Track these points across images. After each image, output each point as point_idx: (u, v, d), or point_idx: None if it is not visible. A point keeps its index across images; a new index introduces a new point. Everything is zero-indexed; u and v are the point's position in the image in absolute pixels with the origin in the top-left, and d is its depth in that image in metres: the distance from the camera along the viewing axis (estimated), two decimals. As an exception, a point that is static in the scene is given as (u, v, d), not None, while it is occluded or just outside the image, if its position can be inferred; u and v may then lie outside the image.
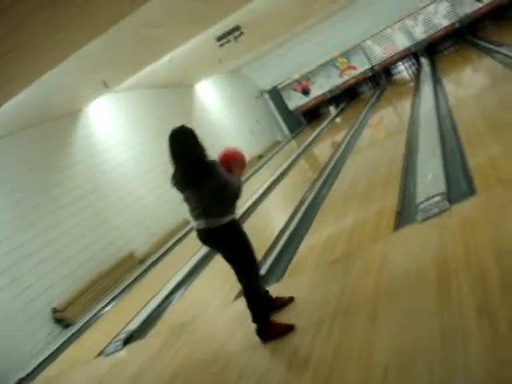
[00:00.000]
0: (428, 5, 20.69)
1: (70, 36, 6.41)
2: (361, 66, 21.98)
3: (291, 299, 5.03)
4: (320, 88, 22.57)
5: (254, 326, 4.60)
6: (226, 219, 4.53)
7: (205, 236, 4.64)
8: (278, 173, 13.63)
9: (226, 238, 4.59)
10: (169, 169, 4.67)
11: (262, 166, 17.31)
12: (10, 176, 9.82)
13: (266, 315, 4.64)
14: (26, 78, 7.09)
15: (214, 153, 4.75)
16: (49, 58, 6.88)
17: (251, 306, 4.63)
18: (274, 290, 5.65)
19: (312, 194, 9.14)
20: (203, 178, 4.45)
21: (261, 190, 12.13)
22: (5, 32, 5.08)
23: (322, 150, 15.33)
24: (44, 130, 10.86)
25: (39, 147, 10.69)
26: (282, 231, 7.75)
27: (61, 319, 9.24)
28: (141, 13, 6.94)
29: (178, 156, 4.59)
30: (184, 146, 4.60)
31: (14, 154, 10.06)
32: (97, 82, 10.34)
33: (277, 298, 5.06)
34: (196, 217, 4.62)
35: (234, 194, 4.59)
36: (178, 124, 4.77)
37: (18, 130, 10.11)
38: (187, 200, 4.68)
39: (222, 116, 19.30)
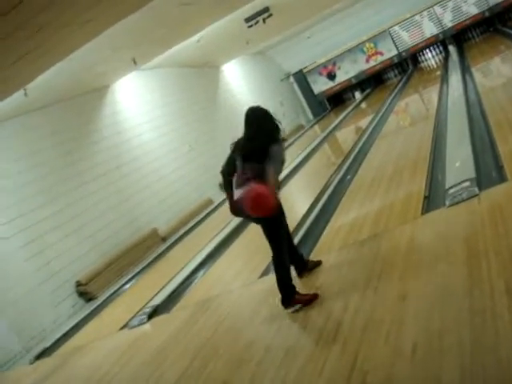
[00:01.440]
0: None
1: (103, 13, 6.43)
2: (388, 51, 21.80)
3: (320, 262, 5.42)
4: (346, 73, 22.44)
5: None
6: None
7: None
8: (301, 157, 13.61)
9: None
10: (193, 149, 4.86)
11: (285, 149, 17.26)
12: (37, 150, 9.91)
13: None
14: (58, 52, 7.13)
15: (238, 133, 4.93)
16: (82, 34, 6.90)
17: (280, 277, 4.82)
18: (300, 269, 5.69)
19: (337, 178, 9.14)
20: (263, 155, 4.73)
21: (284, 173, 12.11)
22: (40, 7, 5.11)
23: (347, 136, 15.29)
24: (72, 105, 10.95)
25: (66, 122, 10.79)
26: (307, 213, 7.76)
27: (84, 292, 9.36)
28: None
29: (251, 130, 4.94)
30: (258, 123, 4.92)
31: (42, 128, 10.16)
32: (126, 59, 10.37)
33: (308, 261, 5.44)
34: (239, 184, 4.82)
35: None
36: (203, 104, 5.00)
37: (47, 105, 10.20)
38: (239, 167, 4.87)
39: (246, 98, 19.26)
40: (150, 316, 6.66)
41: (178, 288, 7.31)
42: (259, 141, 4.79)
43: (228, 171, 5.03)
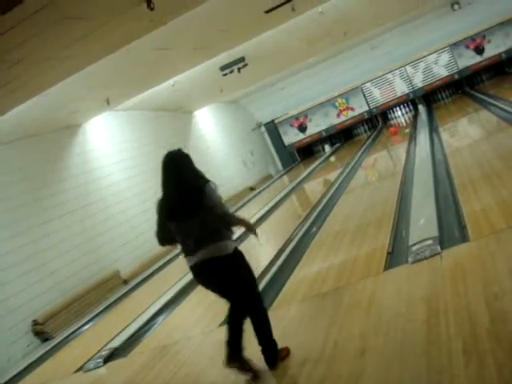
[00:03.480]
0: (430, 54, 20.98)
1: (84, 50, 6.50)
2: (359, 107, 22.19)
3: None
4: (316, 126, 22.71)
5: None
6: (234, 244, 4.37)
7: (211, 266, 4.29)
8: (268, 206, 13.65)
9: (236, 266, 4.38)
10: (159, 192, 4.58)
11: (252, 198, 17.34)
12: (5, 183, 9.82)
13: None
14: (36, 86, 7.17)
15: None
16: (61, 70, 6.96)
17: (269, 336, 4.41)
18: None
19: (303, 230, 9.17)
20: (201, 204, 4.25)
21: (251, 222, 12.11)
22: (21, 40, 5.15)
23: (315, 188, 15.40)
24: (42, 141, 10.91)
25: (35, 158, 10.71)
26: (271, 264, 7.74)
27: (40, 332, 9.16)
28: (152, 34, 7.06)
29: (173, 182, 4.41)
30: (181, 172, 4.42)
31: (10, 162, 10.07)
32: (100, 98, 10.43)
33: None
34: (196, 246, 4.29)
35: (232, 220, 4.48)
36: (173, 148, 4.69)
37: (17, 139, 10.14)
38: (181, 231, 4.38)
39: (217, 145, 19.41)
40: (107, 359, 6.54)
41: (137, 332, 7.21)
42: (193, 189, 4.33)
43: (167, 238, 4.56)
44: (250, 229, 4.68)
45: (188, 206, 4.26)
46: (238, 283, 4.37)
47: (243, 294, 4.39)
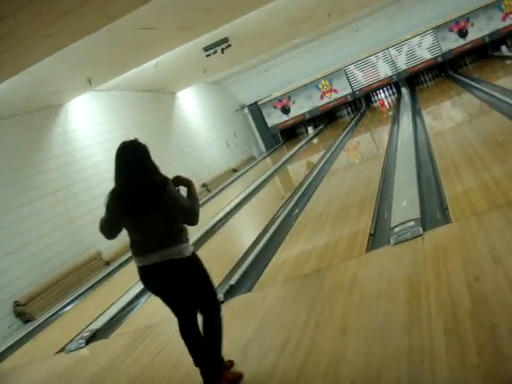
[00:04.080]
0: (413, 37, 21.00)
1: (66, 28, 6.42)
2: (342, 89, 22.19)
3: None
4: (300, 108, 22.70)
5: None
6: (191, 248, 4.03)
7: (166, 269, 3.91)
8: (251, 188, 13.64)
9: (194, 271, 4.02)
10: None
11: (235, 180, 17.33)
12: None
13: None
14: (18, 64, 7.09)
15: (188, 161, 4.63)
16: (44, 47, 6.88)
17: (218, 343, 4.05)
18: (243, 301, 5.69)
19: (285, 212, 9.17)
20: (160, 202, 3.86)
21: (233, 204, 12.13)
22: (4, 15, 5.07)
23: (298, 170, 15.42)
24: (23, 121, 10.79)
25: (17, 138, 10.60)
26: (253, 245, 7.74)
27: (22, 313, 9.12)
28: (134, 14, 6.98)
29: (129, 175, 4.06)
30: (138, 165, 4.03)
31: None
32: (82, 78, 10.32)
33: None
34: (150, 249, 3.92)
35: (192, 218, 4.06)
36: (157, 129, 4.52)
37: (-1, 118, 10.06)
38: (134, 228, 4.01)
39: (200, 126, 19.32)
40: (89, 341, 6.53)
41: (119, 313, 7.19)
42: (151, 185, 3.93)
43: (115, 234, 4.25)
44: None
45: (145, 203, 3.87)
46: (195, 289, 4.01)
47: (200, 301, 4.05)
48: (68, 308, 9.07)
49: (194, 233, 10.26)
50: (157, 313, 6.65)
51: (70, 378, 5.69)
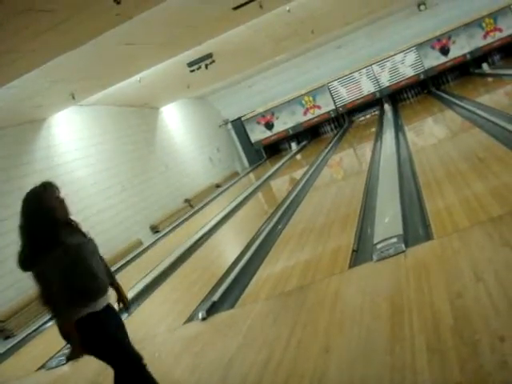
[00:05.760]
0: (396, 53, 21.18)
1: (49, 43, 6.41)
2: (325, 105, 22.28)
3: None
4: (283, 124, 22.73)
5: None
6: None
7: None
8: (234, 203, 13.63)
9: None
10: (125, 189, 4.37)
11: (219, 195, 17.31)
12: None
13: None
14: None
15: (171, 176, 4.62)
16: (25, 63, 6.85)
17: None
18: (226, 317, 5.65)
19: (268, 228, 9.15)
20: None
21: (216, 219, 12.11)
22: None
23: (281, 185, 15.41)
24: (4, 135, 10.71)
25: (-2, 152, 10.54)
26: (236, 261, 7.71)
27: (2, 330, 9.01)
28: (118, 29, 6.98)
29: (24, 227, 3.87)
30: (30, 214, 3.90)
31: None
32: (65, 93, 10.28)
33: None
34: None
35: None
36: (140, 144, 4.49)
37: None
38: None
39: (184, 141, 19.31)
40: (68, 359, 6.44)
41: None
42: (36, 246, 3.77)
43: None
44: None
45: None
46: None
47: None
48: (48, 324, 8.94)
49: (176, 248, 10.25)
50: (138, 330, 6.61)
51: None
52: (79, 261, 3.79)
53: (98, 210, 12.63)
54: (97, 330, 3.84)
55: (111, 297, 4.07)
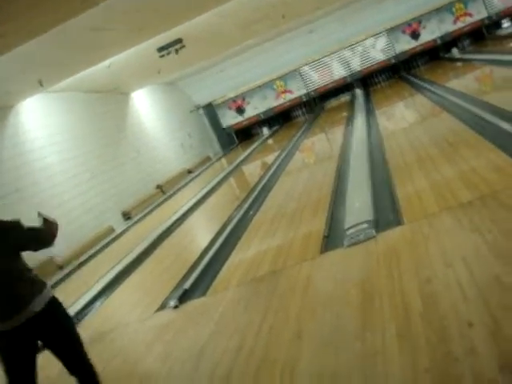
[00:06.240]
0: (367, 38, 21.24)
1: (16, 29, 6.30)
2: (297, 90, 22.30)
3: None
4: (255, 109, 22.73)
5: None
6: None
7: (43, 319, 3.67)
8: (206, 189, 13.59)
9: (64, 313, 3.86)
10: (95, 176, 4.30)
11: (191, 181, 17.25)
12: None
13: None
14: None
15: (142, 162, 4.56)
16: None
17: None
18: (198, 305, 5.65)
19: (239, 214, 9.14)
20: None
21: (188, 206, 12.07)
22: None
23: (253, 170, 15.41)
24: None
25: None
26: (207, 248, 7.69)
27: None
28: (86, 15, 6.88)
29: None
30: None
31: None
32: (33, 80, 10.13)
33: None
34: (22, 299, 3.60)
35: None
36: (111, 131, 4.43)
37: None
38: None
39: (155, 127, 19.17)
40: (40, 348, 6.38)
41: (73, 319, 7.06)
42: None
43: None
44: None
45: None
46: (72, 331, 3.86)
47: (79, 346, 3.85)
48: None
49: (148, 235, 10.21)
50: (110, 319, 6.61)
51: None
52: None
53: (69, 198, 12.51)
54: None
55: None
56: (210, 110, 23.37)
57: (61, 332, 3.75)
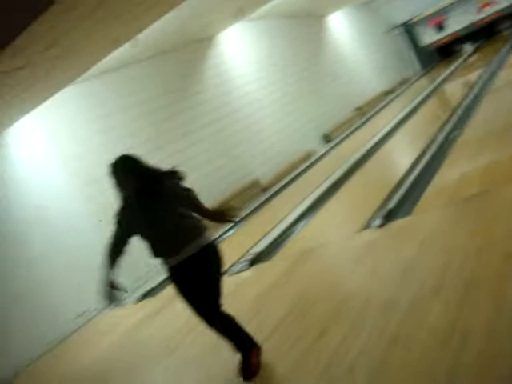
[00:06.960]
0: None
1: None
2: (502, 1, 20.68)
3: None
4: (455, 24, 21.53)
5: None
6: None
7: (210, 256, 3.91)
8: (406, 110, 13.30)
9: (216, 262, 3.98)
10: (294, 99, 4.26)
11: (390, 102, 16.94)
12: (144, 100, 10.17)
13: None
14: (167, 3, 7.20)
15: (340, 85, 4.44)
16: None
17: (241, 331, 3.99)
18: (403, 224, 5.62)
19: (444, 133, 8.88)
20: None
21: (388, 127, 11.92)
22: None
23: (455, 89, 14.78)
24: (176, 56, 11.11)
25: (173, 72, 10.96)
26: (411, 168, 7.59)
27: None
28: None
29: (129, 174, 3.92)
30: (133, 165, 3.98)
31: (151, 78, 10.41)
32: (233, 9, 10.38)
33: None
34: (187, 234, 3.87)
35: None
36: (307, 55, 4.35)
37: (155, 55, 10.40)
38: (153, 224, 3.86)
39: (351, 49, 18.92)
40: (252, 263, 6.76)
41: (279, 238, 7.38)
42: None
43: (121, 253, 3.94)
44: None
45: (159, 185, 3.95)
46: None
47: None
48: (230, 233, 9.42)
49: (350, 157, 10.25)
50: (315, 237, 6.81)
51: (235, 297, 5.93)
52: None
53: (269, 123, 12.87)
54: None
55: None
56: (407, 29, 22.52)
57: (207, 276, 3.90)
